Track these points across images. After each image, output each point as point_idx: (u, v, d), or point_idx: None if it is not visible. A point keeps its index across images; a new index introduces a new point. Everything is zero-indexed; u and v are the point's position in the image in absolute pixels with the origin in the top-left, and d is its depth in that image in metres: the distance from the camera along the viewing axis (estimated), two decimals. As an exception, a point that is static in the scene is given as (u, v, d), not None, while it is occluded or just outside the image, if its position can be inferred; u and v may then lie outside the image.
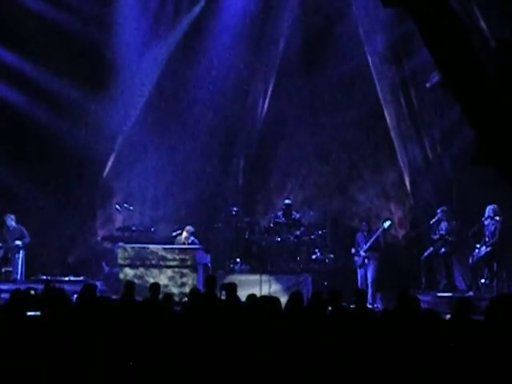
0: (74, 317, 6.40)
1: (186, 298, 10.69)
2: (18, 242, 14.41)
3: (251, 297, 7.55)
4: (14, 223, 14.57)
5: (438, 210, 13.43)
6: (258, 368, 5.67)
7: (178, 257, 13.22)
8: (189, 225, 14.15)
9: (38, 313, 6.69)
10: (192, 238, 13.95)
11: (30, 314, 6.68)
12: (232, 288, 9.25)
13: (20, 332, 6.00)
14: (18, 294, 6.79)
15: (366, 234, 13.75)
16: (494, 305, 6.26)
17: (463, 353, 5.73)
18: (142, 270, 13.22)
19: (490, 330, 5.91)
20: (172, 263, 13.19)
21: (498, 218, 12.56)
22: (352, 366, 5.76)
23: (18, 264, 14.40)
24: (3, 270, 14.48)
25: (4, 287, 12.30)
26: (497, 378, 5.27)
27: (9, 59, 15.55)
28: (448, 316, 7.45)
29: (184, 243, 13.87)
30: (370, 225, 14.01)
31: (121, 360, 5.82)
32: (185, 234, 13.98)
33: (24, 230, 14.57)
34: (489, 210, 12.65)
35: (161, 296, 9.28)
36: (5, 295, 8.20)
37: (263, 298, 7.16)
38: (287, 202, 14.74)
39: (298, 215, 14.70)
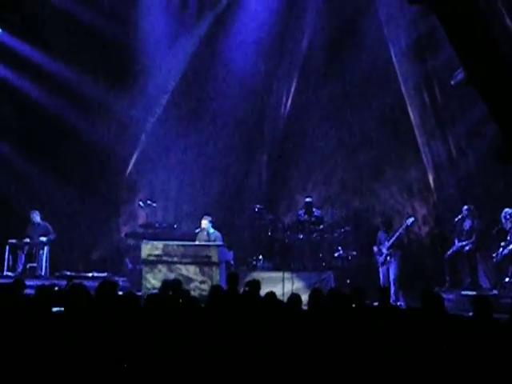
0: (95, 313, 6.45)
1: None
2: (43, 238, 14.53)
3: (270, 294, 7.55)
4: (39, 219, 14.71)
5: (464, 208, 13.33)
6: (274, 364, 5.68)
7: (200, 254, 13.21)
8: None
9: (62, 308, 6.76)
10: (212, 230, 13.88)
11: (54, 309, 6.75)
12: (255, 285, 9.21)
13: (45, 327, 6.05)
14: (43, 289, 6.86)
15: (387, 231, 13.65)
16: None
17: (485, 350, 5.71)
18: (164, 266, 13.24)
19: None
20: (195, 260, 13.18)
21: None
22: (374, 362, 5.75)
23: (42, 260, 14.52)
24: (28, 266, 14.62)
25: (29, 283, 12.39)
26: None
27: (34, 56, 15.67)
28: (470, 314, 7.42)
29: (205, 232, 13.83)
30: (393, 222, 13.89)
31: (140, 355, 5.85)
32: (204, 222, 13.91)
33: (49, 226, 14.70)
34: (505, 214, 12.57)
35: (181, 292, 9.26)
36: (29, 291, 8.26)
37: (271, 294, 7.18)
38: (308, 199, 14.71)
39: (319, 212, 14.67)
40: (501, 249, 12.65)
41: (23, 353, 5.68)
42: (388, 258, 13.37)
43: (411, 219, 13.64)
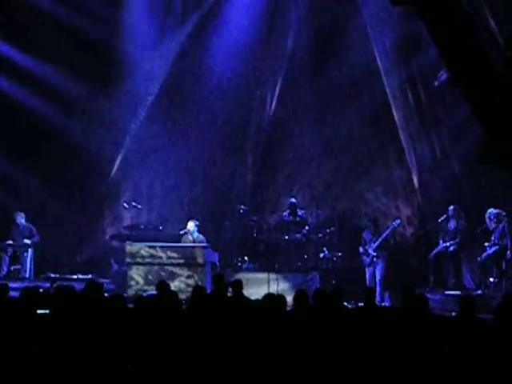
0: (81, 314, 6.43)
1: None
2: (27, 241, 14.46)
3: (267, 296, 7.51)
4: (23, 221, 14.63)
5: (450, 208, 13.40)
6: (260, 366, 5.68)
7: (186, 255, 13.22)
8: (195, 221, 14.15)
9: (47, 311, 6.72)
10: (197, 234, 13.92)
11: (39, 311, 6.72)
12: (238, 285, 9.20)
13: (29, 329, 6.03)
14: (28, 291, 6.83)
15: (373, 231, 13.69)
16: (506, 302, 6.27)
17: (470, 350, 5.74)
18: (149, 268, 13.23)
19: (499, 327, 5.91)
20: (180, 261, 13.19)
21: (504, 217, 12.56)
22: (357, 363, 5.77)
23: (26, 262, 14.44)
24: (12, 268, 14.54)
25: (13, 285, 12.32)
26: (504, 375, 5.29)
27: (17, 58, 15.59)
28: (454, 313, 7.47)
29: (190, 235, 13.84)
30: (377, 223, 13.95)
31: (125, 358, 5.83)
32: (190, 224, 13.94)
33: (33, 228, 14.63)
34: (490, 214, 12.64)
35: (167, 294, 9.23)
36: (14, 293, 8.22)
37: (268, 295, 7.16)
38: (292, 200, 14.76)
39: (303, 213, 14.69)
40: (485, 249, 12.72)
41: (8, 355, 5.65)
42: (375, 259, 13.42)
43: (397, 221, 13.74)
